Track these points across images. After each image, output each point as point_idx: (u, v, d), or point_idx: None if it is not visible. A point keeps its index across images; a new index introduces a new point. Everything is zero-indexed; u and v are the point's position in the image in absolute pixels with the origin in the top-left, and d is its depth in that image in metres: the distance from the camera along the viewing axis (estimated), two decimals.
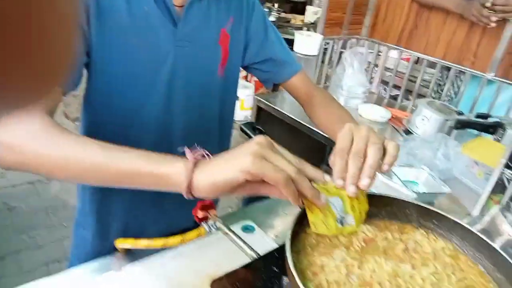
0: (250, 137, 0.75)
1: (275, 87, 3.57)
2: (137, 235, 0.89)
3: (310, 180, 0.57)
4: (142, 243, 0.82)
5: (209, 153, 0.60)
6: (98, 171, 0.60)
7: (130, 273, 0.85)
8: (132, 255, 0.91)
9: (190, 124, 0.91)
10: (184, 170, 0.57)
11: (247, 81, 4.20)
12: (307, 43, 1.92)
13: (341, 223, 0.62)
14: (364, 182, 0.59)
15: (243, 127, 0.74)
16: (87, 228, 0.99)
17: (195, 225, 0.82)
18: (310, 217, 0.59)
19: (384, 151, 0.63)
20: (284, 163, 0.55)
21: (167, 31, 0.80)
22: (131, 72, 0.80)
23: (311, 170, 0.58)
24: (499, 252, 0.57)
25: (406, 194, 1.18)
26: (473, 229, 0.61)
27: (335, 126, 0.84)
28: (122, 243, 0.87)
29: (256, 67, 1.05)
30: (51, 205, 2.58)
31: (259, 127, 0.73)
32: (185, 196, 0.59)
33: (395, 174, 1.32)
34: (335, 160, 0.62)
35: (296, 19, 4.48)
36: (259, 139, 0.57)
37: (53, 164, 0.61)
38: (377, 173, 0.61)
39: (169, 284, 0.84)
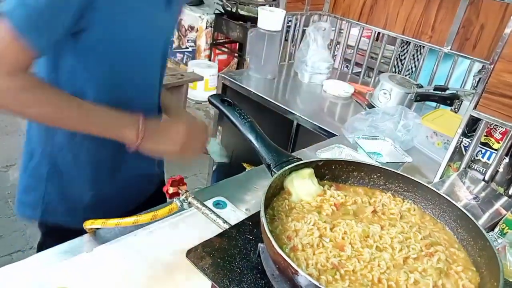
0: (219, 109, 0.75)
1: (239, 64, 3.51)
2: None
3: None
4: (111, 222, 0.80)
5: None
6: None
7: (102, 254, 0.84)
8: (104, 235, 0.89)
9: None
10: (135, 139, 0.82)
11: (210, 60, 4.15)
12: (270, 19, 1.91)
13: None
14: None
15: (211, 99, 0.73)
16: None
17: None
18: None
19: None
20: None
21: None
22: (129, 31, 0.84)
23: None
24: (459, 208, 0.61)
25: None
26: (436, 190, 0.64)
27: None
28: (91, 224, 0.85)
29: None
30: (11, 193, 2.48)
31: (227, 98, 0.73)
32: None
33: (360, 146, 1.36)
34: None
35: None
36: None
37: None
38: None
39: (143, 262, 0.83)
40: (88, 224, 0.86)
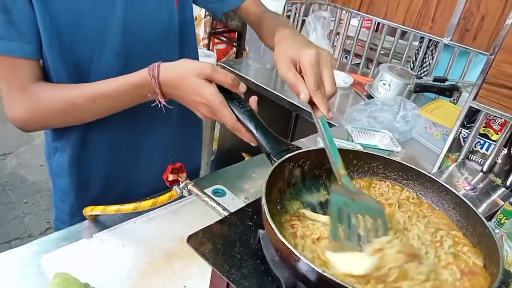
0: None
1: (238, 54, 3.50)
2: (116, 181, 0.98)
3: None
4: (111, 209, 0.81)
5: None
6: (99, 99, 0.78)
7: (102, 240, 0.84)
8: (104, 222, 0.90)
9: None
10: (150, 70, 0.72)
11: (208, 49, 4.12)
12: (271, 7, 1.90)
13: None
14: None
15: None
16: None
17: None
18: None
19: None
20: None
21: None
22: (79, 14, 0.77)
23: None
24: (458, 196, 0.61)
25: None
26: (435, 177, 0.64)
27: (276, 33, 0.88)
28: (91, 211, 0.85)
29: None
30: (8, 181, 2.48)
31: None
32: (159, 96, 0.75)
33: (349, 134, 1.36)
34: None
35: None
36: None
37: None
38: None
39: (142, 248, 0.84)
40: (88, 211, 0.86)
